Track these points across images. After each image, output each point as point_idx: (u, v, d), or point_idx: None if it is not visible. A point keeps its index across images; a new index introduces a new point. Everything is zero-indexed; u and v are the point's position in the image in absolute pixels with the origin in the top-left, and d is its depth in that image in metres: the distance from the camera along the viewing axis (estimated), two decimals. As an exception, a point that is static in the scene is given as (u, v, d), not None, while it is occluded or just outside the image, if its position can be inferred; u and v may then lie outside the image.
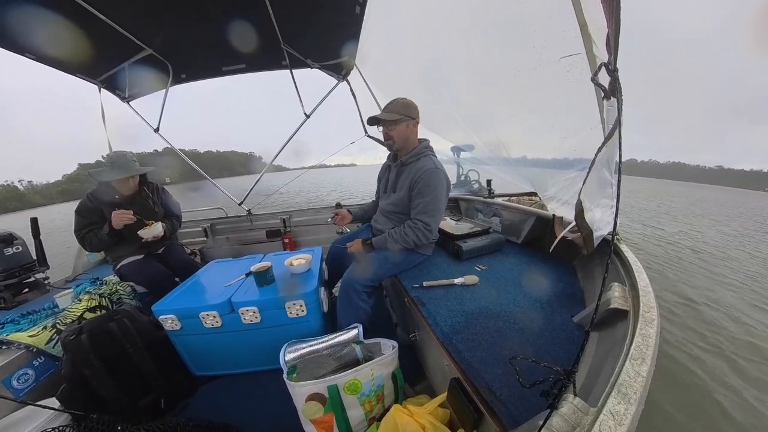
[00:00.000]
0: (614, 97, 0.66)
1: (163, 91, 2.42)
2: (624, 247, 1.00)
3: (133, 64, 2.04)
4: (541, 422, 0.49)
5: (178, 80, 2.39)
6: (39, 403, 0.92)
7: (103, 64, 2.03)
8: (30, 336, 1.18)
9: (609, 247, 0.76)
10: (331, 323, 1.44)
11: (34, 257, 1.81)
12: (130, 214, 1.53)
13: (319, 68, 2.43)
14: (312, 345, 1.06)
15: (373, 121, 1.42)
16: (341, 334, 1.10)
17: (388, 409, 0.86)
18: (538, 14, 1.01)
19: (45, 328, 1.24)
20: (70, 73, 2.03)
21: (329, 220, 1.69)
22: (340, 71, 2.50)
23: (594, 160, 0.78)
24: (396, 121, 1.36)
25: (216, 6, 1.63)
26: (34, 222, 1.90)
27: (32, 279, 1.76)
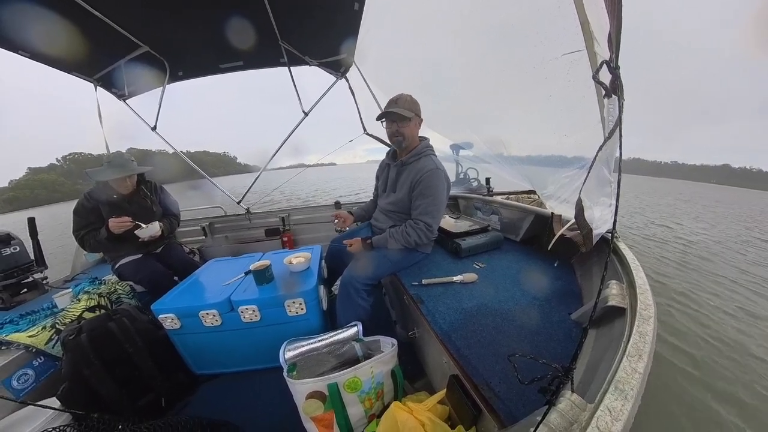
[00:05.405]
0: (615, 95, 0.66)
1: (160, 89, 2.40)
2: (622, 245, 1.00)
3: (130, 61, 2.02)
4: (539, 418, 0.49)
5: (175, 78, 2.37)
6: (39, 403, 0.92)
7: (98, 62, 2.01)
8: (29, 336, 1.18)
9: (608, 245, 0.76)
10: (330, 321, 1.44)
11: (32, 257, 1.81)
12: (127, 220, 1.52)
13: (318, 65, 2.41)
14: (312, 343, 1.06)
15: (384, 115, 1.37)
16: (341, 332, 1.11)
17: (387, 406, 0.86)
18: (538, 12, 1.00)
19: (44, 328, 1.24)
20: (65, 71, 2.01)
21: (335, 221, 1.66)
22: (339, 68, 2.48)
23: (595, 158, 0.78)
24: (410, 119, 1.34)
25: (214, 2, 1.61)
26: (32, 222, 1.89)
27: (30, 279, 1.75)
